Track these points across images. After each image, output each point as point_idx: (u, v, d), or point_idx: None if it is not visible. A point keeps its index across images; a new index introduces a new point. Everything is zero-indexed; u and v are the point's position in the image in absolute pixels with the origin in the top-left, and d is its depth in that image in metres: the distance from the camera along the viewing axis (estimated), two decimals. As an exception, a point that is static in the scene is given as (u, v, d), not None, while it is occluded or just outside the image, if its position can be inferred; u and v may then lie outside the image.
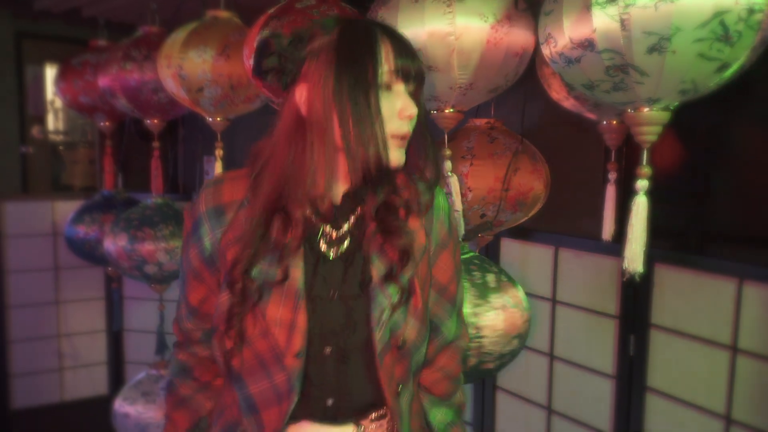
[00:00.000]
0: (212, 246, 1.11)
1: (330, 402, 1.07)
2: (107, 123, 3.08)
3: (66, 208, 3.29)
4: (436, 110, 1.63)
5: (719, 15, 1.03)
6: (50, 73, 3.40)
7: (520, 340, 1.73)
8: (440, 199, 1.15)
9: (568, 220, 2.13)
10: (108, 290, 3.52)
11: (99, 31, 3.07)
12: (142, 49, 2.54)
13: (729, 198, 1.82)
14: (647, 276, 1.84)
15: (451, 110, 1.61)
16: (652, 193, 1.29)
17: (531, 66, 1.87)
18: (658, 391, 1.88)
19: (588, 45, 1.13)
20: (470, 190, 1.75)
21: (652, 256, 1.82)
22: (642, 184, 1.28)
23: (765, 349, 1.63)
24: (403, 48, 1.01)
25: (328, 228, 1.08)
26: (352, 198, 1.08)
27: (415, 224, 1.09)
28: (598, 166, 2.00)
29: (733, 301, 1.68)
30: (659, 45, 1.07)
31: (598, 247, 1.96)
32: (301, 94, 1.03)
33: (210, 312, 1.14)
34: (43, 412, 3.44)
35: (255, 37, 1.88)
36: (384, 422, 1.11)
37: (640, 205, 1.28)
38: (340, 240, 1.09)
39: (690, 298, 1.78)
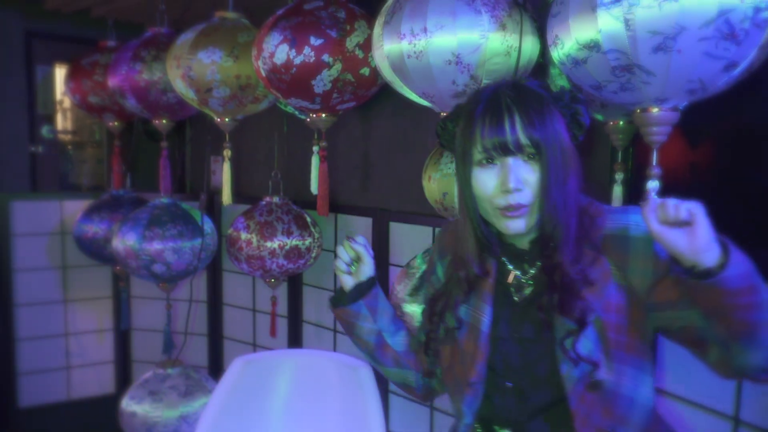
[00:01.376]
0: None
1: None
2: (116, 123, 3.10)
3: (74, 208, 3.31)
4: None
5: (724, 13, 1.03)
6: (60, 72, 3.42)
7: None
8: (632, 240, 1.09)
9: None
10: (116, 289, 3.53)
11: (108, 32, 3.09)
12: (151, 49, 2.56)
13: (734, 197, 1.81)
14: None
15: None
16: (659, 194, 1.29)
17: (541, 68, 1.88)
18: (666, 393, 1.87)
19: (594, 46, 1.14)
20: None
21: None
22: (653, 185, 1.27)
23: (772, 350, 1.62)
24: (499, 122, 1.05)
25: (515, 272, 1.17)
26: (541, 245, 1.12)
27: (594, 289, 1.08)
28: (605, 167, 2.00)
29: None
30: (664, 44, 1.07)
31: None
32: None
33: None
34: (50, 410, 3.45)
35: (264, 37, 1.89)
36: None
37: None
38: (526, 285, 1.17)
39: (697, 300, 1.78)
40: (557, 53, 1.26)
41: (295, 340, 3.06)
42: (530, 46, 1.53)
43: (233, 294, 3.36)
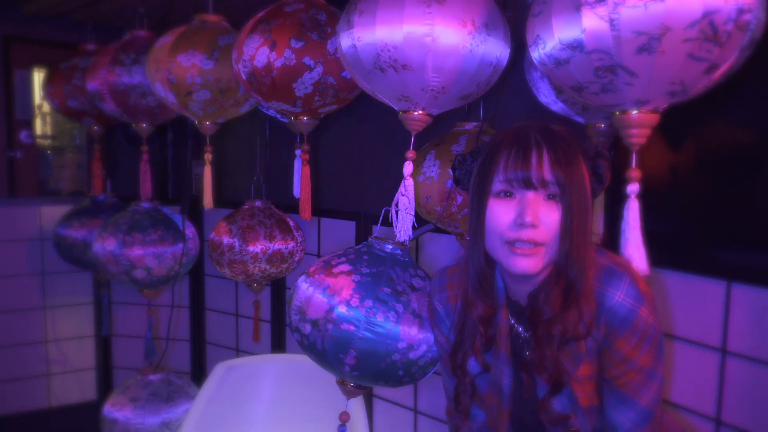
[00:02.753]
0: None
1: None
2: (96, 127, 3.07)
3: (53, 213, 3.27)
4: (406, 111, 1.62)
5: (708, 15, 1.03)
6: (38, 77, 3.37)
7: None
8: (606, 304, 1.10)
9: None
10: (96, 295, 3.49)
11: (87, 35, 3.05)
12: (130, 52, 2.53)
13: (717, 200, 1.83)
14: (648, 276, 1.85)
15: (421, 112, 1.59)
16: (639, 195, 1.29)
17: (520, 70, 1.88)
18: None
19: (577, 46, 1.13)
20: (460, 194, 1.75)
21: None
22: (633, 188, 1.26)
23: (754, 351, 1.63)
24: (525, 154, 1.04)
25: (520, 329, 1.17)
26: (536, 303, 1.11)
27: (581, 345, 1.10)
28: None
29: (722, 303, 1.69)
30: (649, 45, 1.06)
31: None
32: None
33: None
34: (30, 418, 3.40)
35: (244, 40, 1.88)
36: None
37: (632, 209, 1.27)
38: (529, 340, 1.15)
39: (679, 300, 1.79)
40: (538, 53, 1.25)
41: (278, 345, 3.04)
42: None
43: (216, 299, 3.33)
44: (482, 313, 1.14)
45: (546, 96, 1.81)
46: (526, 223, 1.03)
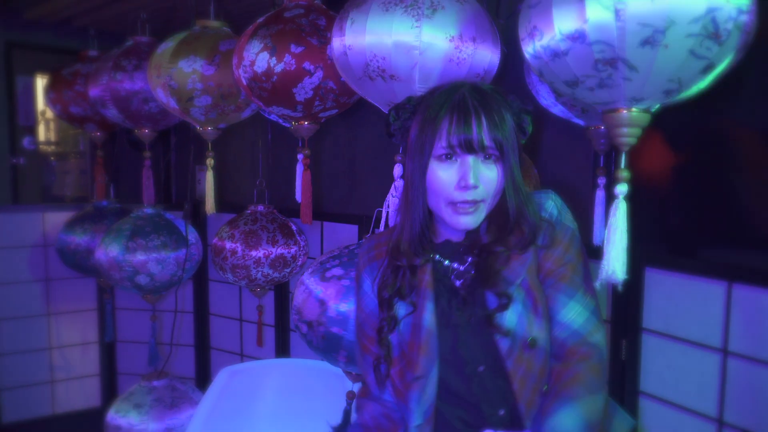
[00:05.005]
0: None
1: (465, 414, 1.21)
2: (98, 133, 3.08)
3: (57, 219, 3.28)
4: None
5: (712, 11, 1.02)
6: (41, 83, 3.39)
7: None
8: (548, 212, 1.21)
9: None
10: (100, 301, 3.50)
11: (90, 41, 3.07)
12: (132, 58, 2.55)
13: (718, 201, 1.83)
14: (638, 280, 1.85)
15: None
16: (641, 197, 1.29)
17: (518, 73, 1.89)
18: (651, 396, 1.88)
19: (578, 37, 1.12)
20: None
21: (642, 260, 1.84)
22: (621, 188, 1.26)
23: (755, 351, 1.63)
24: (467, 121, 1.11)
25: (455, 264, 1.22)
26: (476, 236, 1.20)
27: (518, 261, 1.18)
28: (587, 172, 2.01)
29: (723, 304, 1.68)
30: (653, 38, 1.06)
31: (588, 252, 1.96)
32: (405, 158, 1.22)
33: None
34: (34, 425, 3.40)
35: (245, 45, 1.88)
36: None
37: (620, 210, 1.27)
38: (466, 272, 1.21)
39: (680, 302, 1.79)
40: (533, 46, 1.23)
41: (282, 350, 3.04)
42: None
43: (220, 304, 3.34)
44: (415, 263, 1.21)
45: (545, 98, 1.81)
46: (469, 185, 1.11)
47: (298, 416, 2.54)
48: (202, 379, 3.37)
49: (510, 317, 1.14)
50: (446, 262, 1.23)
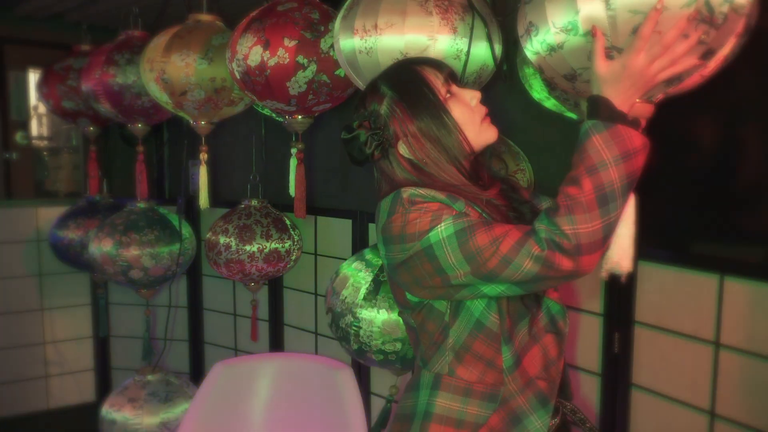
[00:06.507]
0: None
1: None
2: (91, 128, 3.07)
3: (50, 214, 3.27)
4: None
5: None
6: (33, 78, 3.37)
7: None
8: None
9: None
10: (94, 296, 3.49)
11: (82, 36, 3.05)
12: (124, 53, 2.53)
13: (709, 194, 1.83)
14: (630, 273, 1.85)
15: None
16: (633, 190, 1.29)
17: (511, 67, 1.89)
18: (643, 388, 1.89)
19: (572, 29, 1.11)
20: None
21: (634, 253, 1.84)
22: None
23: (747, 343, 1.64)
24: (437, 62, 1.24)
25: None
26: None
27: None
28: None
29: (715, 297, 1.69)
30: None
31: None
32: (403, 148, 1.20)
33: None
34: (29, 420, 3.40)
35: (237, 39, 1.88)
36: None
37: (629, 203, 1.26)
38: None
39: (672, 295, 1.80)
40: (530, 42, 1.23)
41: (276, 344, 3.05)
42: (483, 51, 1.55)
43: (214, 298, 3.34)
44: (492, 193, 1.22)
45: (539, 92, 1.81)
46: (478, 98, 1.21)
47: (293, 409, 2.55)
48: (197, 373, 3.37)
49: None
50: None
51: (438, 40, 1.48)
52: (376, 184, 1.26)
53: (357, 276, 1.94)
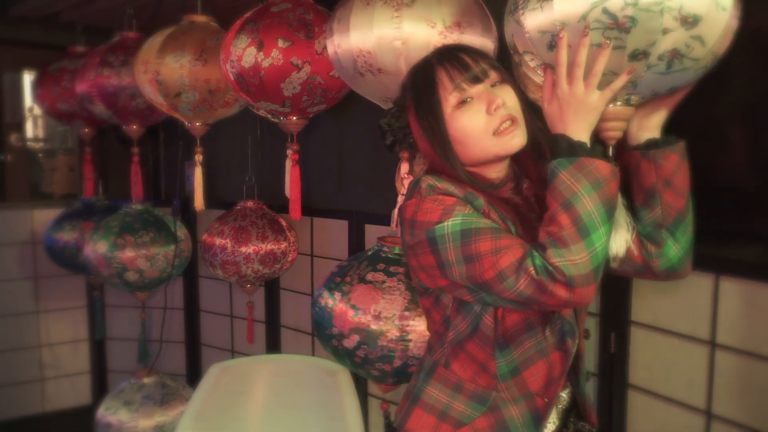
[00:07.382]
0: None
1: None
2: (86, 130, 3.06)
3: (45, 216, 3.26)
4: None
5: (598, 4, 0.96)
6: (28, 79, 3.36)
7: None
8: None
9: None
10: (90, 298, 3.48)
11: (77, 37, 3.04)
12: (119, 54, 2.53)
13: (704, 193, 1.83)
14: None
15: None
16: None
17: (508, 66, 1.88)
18: (640, 388, 1.89)
19: (513, 48, 1.14)
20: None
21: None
22: None
23: (742, 343, 1.64)
24: (459, 61, 1.14)
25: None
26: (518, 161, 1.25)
27: None
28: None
29: (711, 297, 1.69)
30: (554, 41, 1.05)
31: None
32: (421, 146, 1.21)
33: None
34: (25, 423, 3.39)
35: (232, 40, 1.87)
36: None
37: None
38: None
39: (668, 295, 1.80)
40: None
41: (273, 345, 3.04)
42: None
43: (210, 300, 3.33)
44: (503, 194, 1.20)
45: (533, 92, 1.81)
46: (499, 104, 1.11)
47: (289, 411, 2.54)
48: (193, 375, 3.36)
49: None
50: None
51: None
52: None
53: None
